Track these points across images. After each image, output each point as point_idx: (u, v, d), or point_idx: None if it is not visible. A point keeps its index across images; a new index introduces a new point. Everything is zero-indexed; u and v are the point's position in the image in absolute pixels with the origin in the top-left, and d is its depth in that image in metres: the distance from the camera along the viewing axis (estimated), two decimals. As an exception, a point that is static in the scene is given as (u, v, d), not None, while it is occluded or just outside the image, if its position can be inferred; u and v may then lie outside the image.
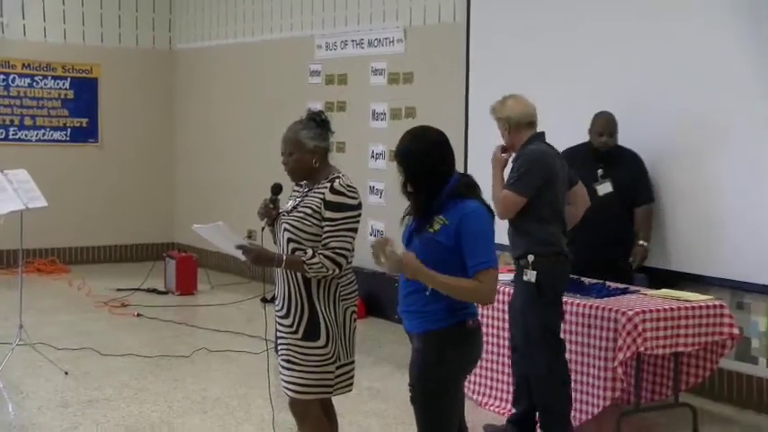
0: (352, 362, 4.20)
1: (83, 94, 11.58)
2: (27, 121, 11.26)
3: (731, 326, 5.41)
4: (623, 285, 5.74)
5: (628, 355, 5.11)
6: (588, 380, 5.29)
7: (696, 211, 6.18)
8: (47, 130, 11.38)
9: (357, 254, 4.26)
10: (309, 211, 4.03)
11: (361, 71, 9.20)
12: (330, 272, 3.98)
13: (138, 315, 8.67)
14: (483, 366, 5.91)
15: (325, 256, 3.96)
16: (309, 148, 4.09)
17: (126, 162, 11.87)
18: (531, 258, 4.99)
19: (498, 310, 5.83)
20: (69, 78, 11.50)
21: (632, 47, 6.50)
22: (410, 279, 3.60)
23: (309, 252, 3.97)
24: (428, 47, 8.49)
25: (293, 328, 4.08)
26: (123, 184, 11.85)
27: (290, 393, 4.14)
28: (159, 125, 12.13)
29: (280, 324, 4.15)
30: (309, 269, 3.95)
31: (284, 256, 4.01)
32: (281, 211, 4.18)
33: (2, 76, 11.12)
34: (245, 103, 10.94)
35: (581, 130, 6.73)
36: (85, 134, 11.65)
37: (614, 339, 5.13)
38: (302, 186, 4.20)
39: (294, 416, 4.25)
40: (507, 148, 5.30)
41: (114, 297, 9.40)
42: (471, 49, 7.82)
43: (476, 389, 6.03)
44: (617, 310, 5.16)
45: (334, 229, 3.99)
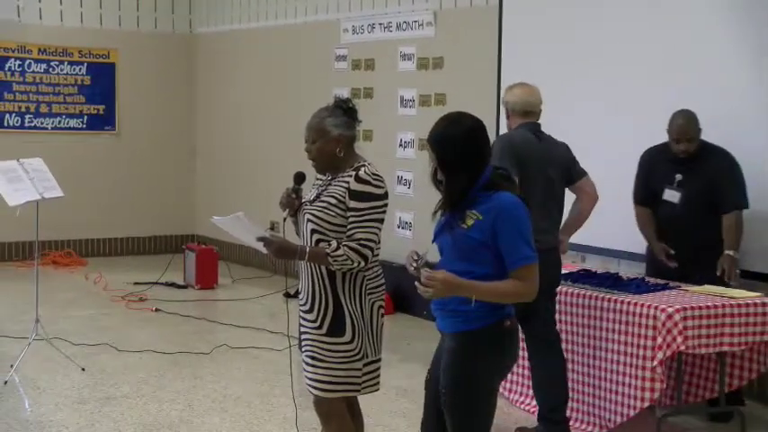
0: (379, 359, 4.20)
1: (100, 80, 11.66)
2: (43, 108, 11.36)
3: (781, 325, 5.35)
4: (663, 281, 5.72)
5: (668, 354, 5.08)
6: (625, 380, 5.27)
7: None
8: (63, 117, 11.48)
9: (384, 247, 4.27)
10: (334, 201, 4.04)
11: (388, 56, 9.20)
12: (355, 264, 3.99)
13: (157, 310, 8.73)
14: (517, 364, 5.89)
15: (350, 248, 3.96)
16: (334, 136, 4.09)
17: (144, 151, 11.94)
18: None
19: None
20: (86, 64, 11.59)
21: (682, 34, 6.47)
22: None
23: (334, 244, 3.98)
24: (459, 31, 8.47)
25: (317, 324, 4.09)
26: (141, 173, 11.93)
27: (314, 392, 4.15)
28: (179, 112, 12.19)
29: (303, 319, 4.17)
30: (334, 262, 3.96)
31: (307, 249, 4.02)
32: (303, 201, 4.19)
33: (18, 62, 11.22)
34: (267, 89, 10.97)
35: (621, 115, 6.73)
36: (102, 122, 11.73)
37: (653, 338, 5.11)
38: (326, 175, 4.21)
39: (318, 415, 4.26)
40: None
41: (132, 291, 9.47)
42: (504, 34, 7.79)
43: (507, 385, 6.03)
44: (656, 307, 5.13)
45: (359, 219, 4.00)
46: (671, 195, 5.97)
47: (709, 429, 5.76)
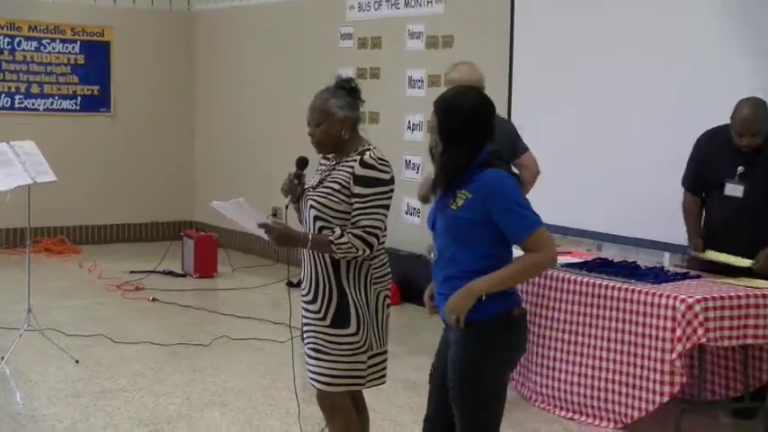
0: (385, 351, 4.21)
1: (94, 60, 11.66)
2: (34, 89, 11.36)
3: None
4: (683, 270, 5.71)
5: (688, 346, 5.08)
6: (643, 373, 5.27)
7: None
8: (55, 98, 11.48)
9: (390, 234, 4.27)
10: (337, 187, 4.04)
11: (396, 34, 9.18)
12: (360, 253, 3.99)
13: (154, 300, 8.75)
14: (527, 357, 5.92)
15: (355, 236, 3.97)
16: (339, 118, 4.09)
17: (140, 133, 11.94)
18: None
19: (539, 296, 5.84)
20: (79, 42, 11.58)
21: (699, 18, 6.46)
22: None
23: (338, 231, 3.99)
24: (469, 8, 8.45)
25: (321, 315, 4.10)
26: (137, 157, 11.94)
27: (317, 385, 4.16)
28: (177, 93, 12.18)
29: (306, 310, 4.17)
30: (338, 250, 3.97)
31: (310, 236, 4.03)
32: (306, 186, 4.20)
33: (7, 40, 11.22)
34: (269, 69, 10.96)
35: (636, 98, 6.71)
36: (97, 103, 11.74)
37: (672, 329, 5.11)
38: (329, 160, 4.21)
39: (322, 409, 4.28)
40: None
41: (128, 280, 9.49)
42: (516, 11, 7.77)
43: (520, 379, 6.04)
44: (675, 297, 5.13)
45: (364, 205, 4.00)
46: (733, 189, 5.65)
47: (731, 426, 5.76)
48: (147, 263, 10.14)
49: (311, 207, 4.09)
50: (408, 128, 9.08)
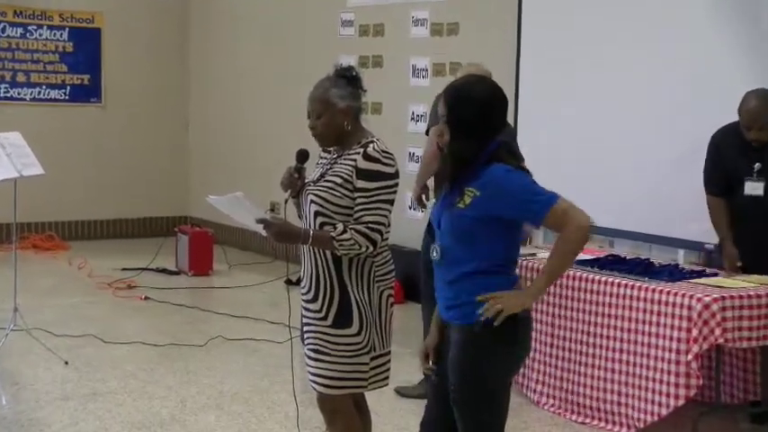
0: (389, 352, 4.22)
1: (83, 47, 11.67)
2: (20, 78, 11.37)
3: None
4: (699, 267, 5.71)
5: (704, 347, 5.09)
6: (658, 375, 5.27)
7: None
8: (43, 87, 11.49)
9: (394, 230, 4.27)
10: (339, 181, 4.04)
11: (399, 21, 9.18)
12: (363, 249, 3.99)
13: (146, 298, 8.76)
14: (535, 359, 5.92)
15: (358, 232, 3.97)
16: (340, 109, 4.09)
17: (133, 125, 11.95)
18: None
19: (548, 294, 5.84)
20: (68, 29, 11.58)
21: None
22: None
23: (340, 227, 3.99)
24: (477, -7, 8.46)
25: (322, 314, 4.11)
26: (129, 149, 11.95)
27: (317, 388, 4.17)
28: (171, 83, 12.19)
29: (306, 309, 4.18)
30: (339, 246, 3.97)
31: (311, 232, 4.03)
32: (306, 180, 4.20)
33: (-9, 26, 11.24)
34: (267, 58, 10.96)
35: (650, 85, 6.71)
36: (87, 93, 11.75)
37: (688, 330, 5.12)
38: (331, 152, 4.21)
39: (322, 413, 4.28)
40: None
41: (119, 278, 9.50)
42: (525, -3, 7.79)
43: (527, 384, 6.05)
44: (691, 296, 5.13)
45: (367, 200, 4.00)
46: (753, 188, 5.60)
47: (750, 431, 5.76)
48: (140, 260, 10.15)
49: (312, 202, 4.09)
50: (412, 119, 9.08)
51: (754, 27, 6.21)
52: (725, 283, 5.37)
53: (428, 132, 6.02)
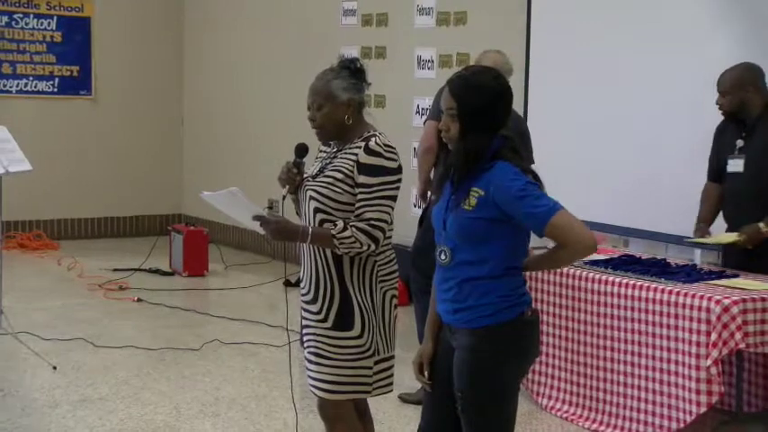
0: (392, 357, 4.22)
1: (73, 37, 11.67)
2: (5, 69, 11.38)
3: None
4: (719, 268, 5.71)
5: (724, 352, 5.07)
6: (678, 381, 5.24)
7: None
8: (29, 79, 11.50)
9: (398, 228, 4.28)
10: (340, 176, 4.05)
11: (404, 10, 9.18)
12: (365, 248, 4.00)
13: (139, 300, 8.77)
14: (541, 363, 5.93)
15: (359, 229, 3.98)
16: (342, 101, 4.10)
17: (125, 118, 11.96)
18: None
19: (560, 296, 5.85)
20: (56, 17, 11.58)
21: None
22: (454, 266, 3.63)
23: (340, 224, 4.00)
24: (485, -20, 8.46)
25: (322, 316, 4.11)
26: (122, 144, 11.95)
27: (318, 393, 4.17)
28: (165, 75, 12.19)
29: (306, 311, 4.19)
30: (340, 245, 3.98)
31: (310, 230, 4.04)
32: (306, 175, 4.21)
33: (-26, 14, 11.24)
34: (265, 48, 10.97)
35: (665, 82, 6.71)
36: (76, 85, 11.75)
37: (707, 333, 5.11)
38: (331, 146, 4.22)
39: (323, 420, 4.29)
40: None
41: (111, 279, 9.51)
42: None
43: (538, 389, 6.06)
44: (710, 298, 5.13)
45: (369, 196, 4.01)
46: (734, 165, 5.81)
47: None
48: (132, 260, 10.17)
49: (311, 198, 4.10)
50: (417, 112, 9.08)
51: (765, 27, 6.24)
52: (746, 285, 5.36)
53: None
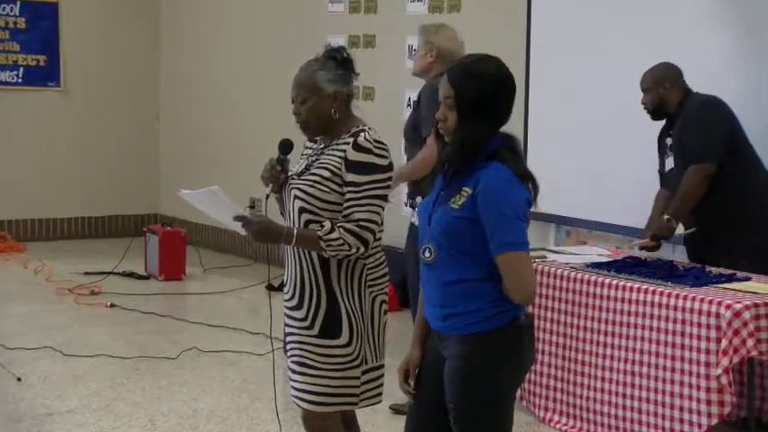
0: (382, 366, 4.23)
1: (38, 24, 11.63)
2: (-33, 59, 11.36)
3: None
4: (730, 271, 5.72)
5: (735, 360, 5.08)
6: (686, 391, 5.25)
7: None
8: (-7, 69, 11.47)
9: (388, 229, 4.27)
10: (327, 174, 4.05)
11: (394, -4, 9.20)
12: (353, 250, 4.00)
13: (112, 306, 8.76)
14: (539, 372, 5.93)
15: (348, 231, 3.98)
16: (328, 94, 4.10)
17: (97, 111, 11.93)
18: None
19: (560, 301, 5.85)
20: (19, 2, 11.54)
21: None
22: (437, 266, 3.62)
23: (327, 225, 4.00)
24: (481, -36, 8.47)
25: (307, 323, 4.11)
26: (93, 139, 11.93)
27: (303, 404, 4.18)
28: (139, 65, 12.17)
29: (290, 318, 4.19)
30: (327, 247, 3.98)
31: (295, 231, 4.04)
32: (290, 173, 4.21)
33: (-68, -1, 11.20)
34: (247, 38, 10.96)
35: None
36: (43, 76, 11.72)
37: (717, 340, 5.11)
38: (317, 142, 4.22)
39: (308, 433, 4.30)
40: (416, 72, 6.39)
41: (81, 283, 9.50)
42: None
43: (535, 401, 6.06)
44: (720, 303, 5.13)
45: (358, 195, 4.02)
46: (669, 163, 6.11)
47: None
48: (105, 263, 10.15)
49: (296, 197, 4.10)
50: (408, 105, 9.07)
51: (765, 27, 6.28)
52: (758, 289, 5.37)
53: (423, 133, 5.95)
